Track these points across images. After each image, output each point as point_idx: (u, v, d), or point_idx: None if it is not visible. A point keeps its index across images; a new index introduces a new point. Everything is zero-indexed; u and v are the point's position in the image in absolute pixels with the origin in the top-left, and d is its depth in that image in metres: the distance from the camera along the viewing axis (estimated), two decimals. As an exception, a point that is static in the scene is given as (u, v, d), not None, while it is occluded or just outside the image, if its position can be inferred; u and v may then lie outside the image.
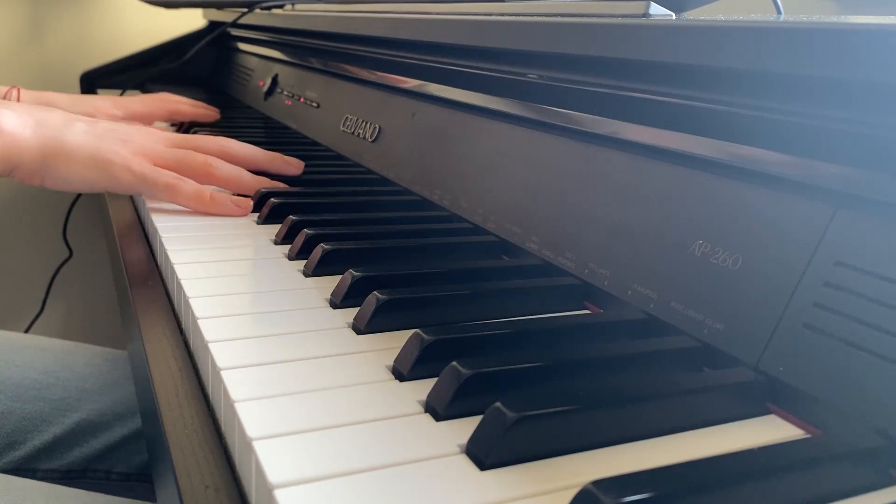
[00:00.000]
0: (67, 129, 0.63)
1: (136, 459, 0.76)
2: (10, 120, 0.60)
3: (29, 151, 0.61)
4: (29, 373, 0.76)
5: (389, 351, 0.39)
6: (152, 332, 0.45)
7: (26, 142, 0.60)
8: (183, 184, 0.64)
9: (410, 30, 0.71)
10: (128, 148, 0.64)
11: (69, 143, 0.62)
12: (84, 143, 0.62)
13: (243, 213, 0.65)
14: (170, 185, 0.63)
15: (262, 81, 1.19)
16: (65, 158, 0.62)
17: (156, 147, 0.66)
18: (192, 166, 0.66)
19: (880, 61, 0.32)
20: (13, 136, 0.60)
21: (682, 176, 0.42)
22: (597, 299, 0.46)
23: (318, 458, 0.29)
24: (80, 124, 0.64)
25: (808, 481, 0.28)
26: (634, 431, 0.32)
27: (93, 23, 1.62)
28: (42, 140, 0.61)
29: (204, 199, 0.64)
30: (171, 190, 0.63)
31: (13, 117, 0.60)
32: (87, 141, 0.63)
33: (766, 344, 0.35)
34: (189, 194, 0.64)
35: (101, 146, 0.63)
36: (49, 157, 0.61)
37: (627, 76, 0.47)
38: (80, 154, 0.62)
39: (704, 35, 0.40)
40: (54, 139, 0.62)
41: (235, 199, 0.65)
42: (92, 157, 0.62)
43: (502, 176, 0.57)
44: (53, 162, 0.62)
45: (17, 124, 0.60)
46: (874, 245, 0.32)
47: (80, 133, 0.63)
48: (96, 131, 0.64)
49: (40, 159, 0.61)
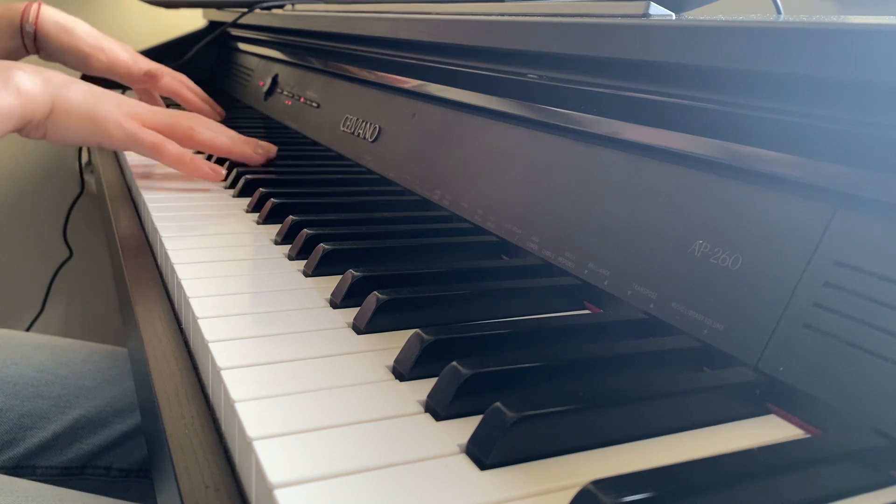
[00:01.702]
0: (70, 88, 0.69)
1: (135, 456, 0.76)
2: (25, 79, 0.66)
3: (41, 107, 0.67)
4: (27, 370, 0.76)
5: (389, 351, 0.39)
6: (152, 331, 0.45)
7: (38, 98, 0.66)
8: (167, 144, 0.71)
9: (410, 30, 0.71)
10: (121, 108, 0.71)
11: (71, 99, 0.68)
12: (83, 101, 0.69)
13: (217, 177, 0.74)
14: (155, 144, 0.70)
15: (262, 81, 1.19)
16: (66, 114, 0.68)
17: (145, 110, 0.73)
18: (176, 129, 0.73)
19: (880, 61, 0.32)
20: (28, 94, 0.66)
21: (682, 176, 0.42)
22: (597, 299, 0.46)
23: (318, 458, 0.29)
24: (80, 85, 0.70)
25: (808, 481, 0.28)
26: (634, 431, 0.32)
27: (93, 23, 1.62)
28: (49, 97, 0.67)
29: (184, 160, 0.72)
30: (155, 149, 0.71)
31: (26, 77, 0.66)
32: (86, 99, 0.69)
33: (766, 344, 0.35)
34: (171, 154, 0.71)
35: (97, 105, 0.70)
36: (54, 111, 0.68)
37: (627, 76, 0.47)
38: (79, 110, 0.69)
39: (704, 35, 0.40)
40: (59, 96, 0.68)
41: (211, 164, 0.74)
42: (89, 113, 0.69)
43: (502, 176, 0.57)
44: (56, 116, 0.68)
45: (32, 83, 0.66)
46: (874, 245, 0.32)
47: (80, 92, 0.70)
48: (94, 92, 0.71)
49: (47, 114, 0.67)
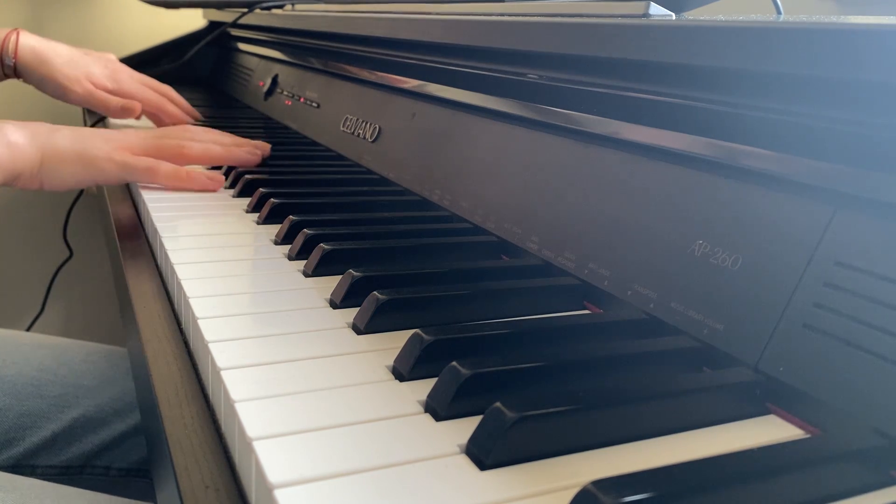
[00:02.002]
0: (56, 135, 0.70)
1: (135, 455, 0.76)
2: (13, 134, 0.67)
3: (30, 159, 0.68)
4: (26, 370, 0.76)
5: (389, 351, 0.39)
6: (152, 331, 0.45)
7: (26, 150, 0.68)
8: (160, 166, 0.71)
9: (410, 30, 0.71)
10: (109, 144, 0.72)
11: (59, 146, 0.69)
12: (71, 145, 0.70)
13: (215, 186, 0.74)
14: (149, 168, 0.71)
15: (262, 81, 1.19)
16: (57, 160, 0.69)
17: (133, 140, 0.74)
18: (166, 149, 0.74)
19: (880, 61, 0.32)
20: (17, 147, 0.67)
21: (682, 176, 0.42)
22: (597, 299, 0.46)
23: (318, 458, 0.29)
24: (65, 130, 0.71)
25: (808, 481, 0.28)
26: (634, 431, 0.32)
27: (93, 23, 1.62)
28: (38, 147, 0.68)
29: (180, 175, 0.72)
30: (150, 172, 0.71)
31: (15, 131, 0.67)
32: (74, 142, 0.70)
33: (766, 344, 0.35)
34: (167, 173, 0.72)
35: (85, 145, 0.70)
36: (45, 160, 0.69)
37: (627, 76, 0.47)
38: (68, 154, 0.69)
39: (704, 35, 0.40)
40: (46, 145, 0.69)
41: (208, 173, 0.74)
42: (79, 155, 0.70)
43: (502, 176, 0.57)
44: (48, 165, 0.69)
45: (19, 136, 0.67)
46: (874, 245, 0.32)
47: (67, 137, 0.70)
48: (80, 134, 0.72)
49: (38, 165, 0.68)
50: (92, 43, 1.61)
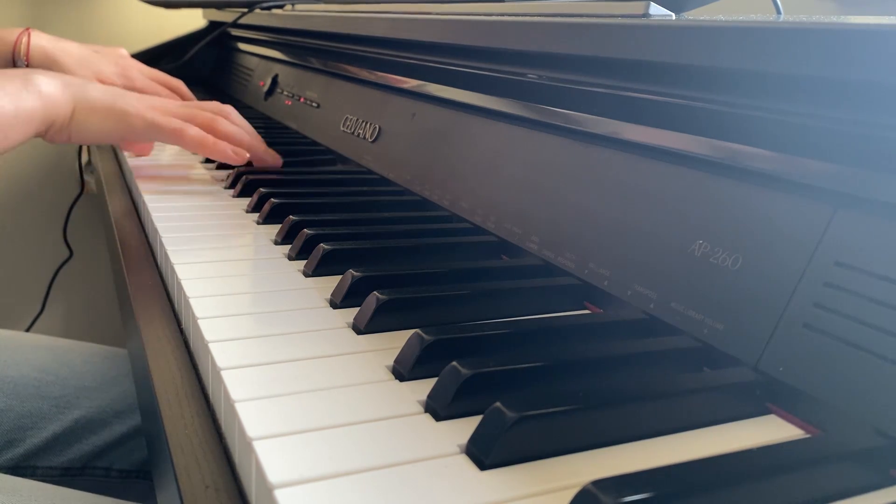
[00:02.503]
0: (88, 87, 0.71)
1: (135, 456, 0.76)
2: (45, 83, 0.67)
3: (63, 108, 0.68)
4: (27, 371, 0.76)
5: (389, 351, 0.39)
6: (152, 332, 0.45)
7: (59, 100, 0.68)
8: (188, 129, 0.71)
9: (410, 30, 0.71)
10: (142, 102, 0.73)
11: (91, 97, 0.70)
12: (103, 97, 0.71)
13: (240, 160, 0.73)
14: (176, 130, 0.71)
15: (262, 81, 1.19)
16: (88, 111, 0.70)
17: (166, 102, 0.75)
18: (198, 119, 0.74)
19: (880, 61, 0.32)
20: (50, 97, 0.67)
21: (682, 176, 0.42)
22: (597, 299, 0.46)
23: (318, 458, 0.29)
24: (98, 85, 0.73)
25: (808, 481, 0.28)
26: (634, 431, 0.32)
27: (93, 23, 1.62)
28: (70, 97, 0.69)
29: (206, 143, 0.72)
30: (177, 134, 0.71)
31: (48, 81, 0.68)
32: (106, 96, 0.71)
33: (766, 344, 0.35)
34: (193, 137, 0.71)
35: (117, 99, 0.71)
36: (76, 111, 0.69)
37: (627, 76, 0.47)
38: (100, 105, 0.71)
39: (704, 35, 0.40)
40: (79, 95, 0.70)
41: (234, 147, 0.73)
42: (111, 107, 0.71)
43: (502, 176, 0.57)
44: (79, 115, 0.70)
45: (52, 86, 0.68)
46: (874, 245, 0.32)
47: (100, 90, 0.72)
48: (114, 89, 0.73)
49: (70, 114, 0.69)
50: (92, 43, 1.61)
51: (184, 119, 0.73)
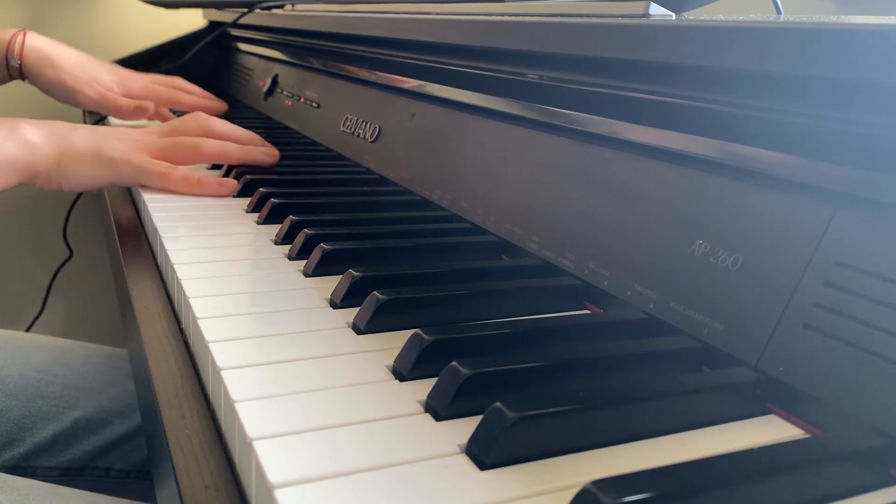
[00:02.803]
0: (74, 134, 0.70)
1: (135, 457, 0.76)
2: (30, 132, 0.67)
3: (48, 159, 0.67)
4: (27, 371, 0.76)
5: (389, 351, 0.39)
6: (152, 332, 0.45)
7: (44, 149, 0.67)
8: (173, 171, 0.71)
9: (410, 30, 0.71)
10: (126, 145, 0.71)
11: (76, 146, 0.69)
12: (89, 145, 0.69)
13: (227, 192, 0.72)
14: (162, 174, 0.71)
15: (262, 81, 1.19)
16: (74, 160, 0.68)
17: (149, 139, 0.73)
18: (183, 149, 0.74)
19: (880, 61, 0.32)
20: (35, 146, 0.66)
21: (682, 176, 0.42)
22: (597, 299, 0.46)
23: (318, 458, 0.29)
24: (82, 130, 0.71)
25: (808, 481, 0.28)
26: (634, 431, 0.32)
27: (93, 23, 1.62)
28: (56, 147, 0.68)
29: (192, 182, 0.71)
30: (163, 178, 0.71)
31: (33, 130, 0.67)
32: (91, 142, 0.70)
33: (766, 344, 0.35)
34: (178, 180, 0.71)
35: (102, 145, 0.70)
36: (63, 161, 0.68)
37: (627, 76, 0.47)
38: (86, 154, 0.69)
39: (704, 35, 0.40)
40: (64, 145, 0.69)
41: (220, 179, 0.72)
42: (96, 155, 0.69)
43: (502, 176, 0.57)
44: (66, 165, 0.68)
45: (37, 135, 0.67)
46: (874, 245, 0.32)
47: (84, 137, 0.70)
48: (98, 134, 0.71)
49: (56, 165, 0.68)
50: (92, 43, 1.61)
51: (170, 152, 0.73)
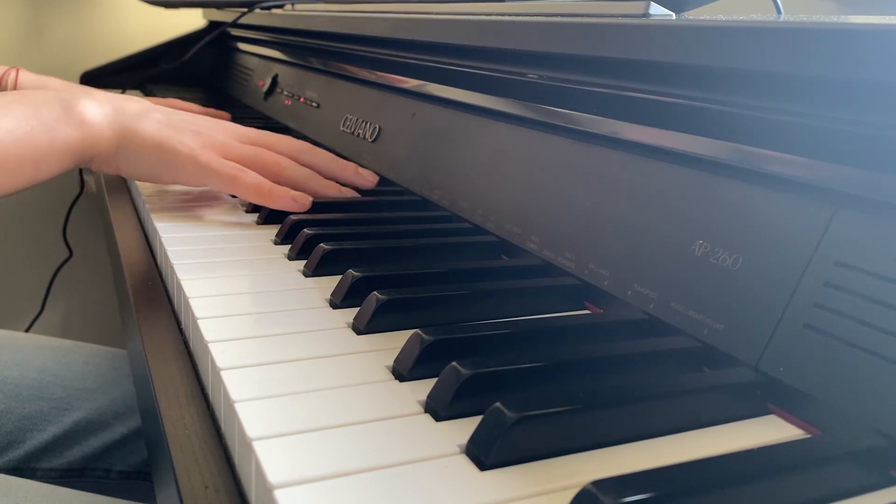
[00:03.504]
0: (143, 118, 0.64)
1: (136, 458, 0.76)
2: (91, 111, 0.61)
3: (106, 141, 0.62)
4: (28, 372, 0.76)
5: (389, 351, 0.39)
6: (152, 332, 0.45)
7: (104, 132, 0.61)
8: (244, 174, 0.63)
9: (410, 30, 0.71)
10: (198, 140, 0.64)
11: (141, 131, 0.63)
12: (155, 133, 0.63)
13: (301, 208, 0.63)
14: (231, 176, 0.63)
15: (262, 81, 1.19)
16: (136, 147, 0.63)
17: (227, 141, 0.66)
18: (262, 164, 0.65)
19: (881, 61, 0.32)
20: (93, 127, 0.61)
21: (682, 176, 0.42)
22: (597, 299, 0.46)
23: (318, 459, 0.29)
24: (155, 114, 0.65)
25: (808, 481, 0.28)
26: (634, 431, 0.32)
27: (93, 23, 1.62)
28: (118, 129, 0.62)
29: (263, 190, 0.63)
30: (232, 180, 0.63)
31: (94, 107, 0.61)
32: (160, 131, 0.63)
33: (767, 344, 0.35)
34: (248, 185, 0.63)
35: (172, 136, 0.63)
36: (123, 144, 0.62)
37: (627, 76, 0.47)
38: (149, 143, 0.63)
39: (704, 35, 0.40)
40: (128, 127, 0.63)
41: (294, 194, 0.63)
42: (161, 146, 0.63)
43: (502, 176, 0.57)
44: (126, 150, 0.63)
45: (98, 114, 0.61)
46: (874, 245, 0.32)
47: (154, 122, 0.64)
48: (171, 122, 0.65)
49: (115, 148, 0.62)
50: (92, 43, 1.61)
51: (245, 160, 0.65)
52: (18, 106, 0.58)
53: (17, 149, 0.56)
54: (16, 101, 0.58)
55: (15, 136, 0.56)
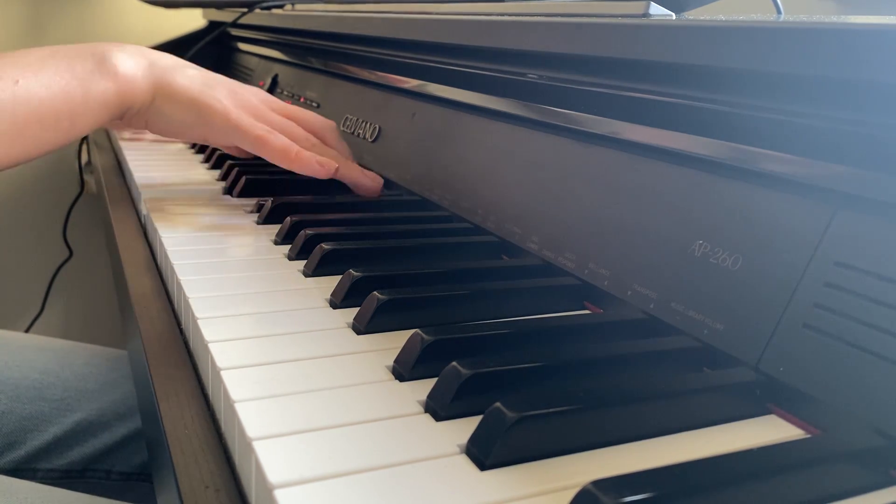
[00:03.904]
0: (178, 71, 0.64)
1: (136, 459, 0.76)
2: (125, 63, 0.61)
3: (141, 94, 0.62)
4: (28, 372, 0.76)
5: (389, 351, 0.39)
6: (152, 332, 0.45)
7: (139, 84, 0.61)
8: (273, 137, 0.63)
9: (410, 30, 0.71)
10: (232, 99, 0.64)
11: (177, 83, 0.63)
12: (190, 86, 0.63)
13: (326, 173, 0.64)
14: (260, 137, 0.63)
15: (262, 81, 1.19)
16: (169, 99, 0.63)
17: (260, 107, 0.66)
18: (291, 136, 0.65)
19: (881, 61, 0.32)
20: (128, 80, 0.61)
21: (682, 176, 0.42)
22: (597, 299, 0.46)
23: (317, 459, 0.29)
24: (190, 70, 0.65)
25: (808, 481, 0.28)
26: (634, 431, 0.32)
27: (93, 23, 1.62)
28: (153, 81, 0.62)
29: (290, 154, 0.63)
30: (260, 141, 0.63)
31: (128, 60, 0.61)
32: (194, 85, 0.64)
33: (767, 344, 0.35)
34: (276, 147, 0.63)
35: (205, 91, 0.64)
36: (157, 97, 0.63)
37: (627, 76, 0.47)
38: (183, 96, 0.63)
39: (704, 35, 0.40)
40: (164, 80, 0.63)
41: (320, 159, 0.64)
42: (194, 100, 0.63)
43: (502, 176, 0.57)
44: (159, 103, 0.63)
45: (132, 66, 0.61)
46: (874, 245, 0.32)
47: (188, 77, 0.64)
48: (206, 78, 0.65)
49: (149, 100, 0.63)
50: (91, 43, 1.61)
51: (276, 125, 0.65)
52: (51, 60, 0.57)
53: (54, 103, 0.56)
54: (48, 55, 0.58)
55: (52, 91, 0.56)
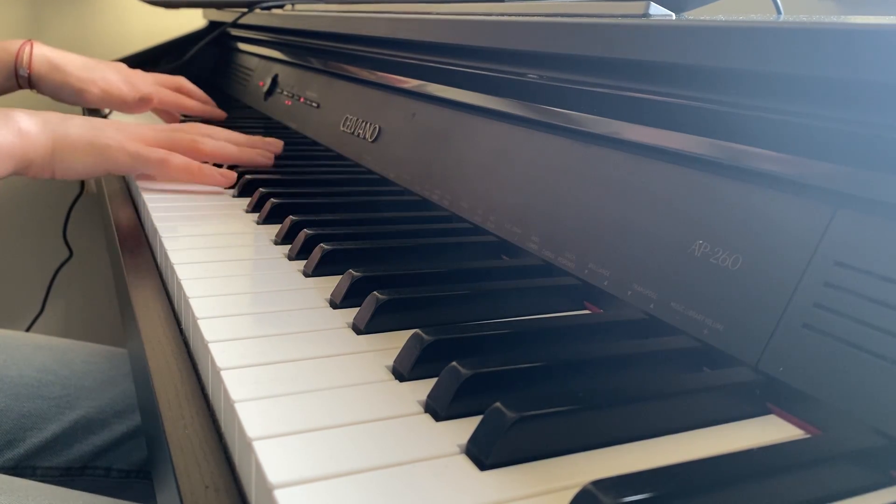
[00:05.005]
0: (68, 123, 0.70)
1: (136, 457, 0.76)
2: (24, 121, 0.66)
3: (42, 147, 0.67)
4: (28, 371, 0.76)
5: (389, 351, 0.39)
6: (152, 331, 0.45)
7: (38, 138, 0.67)
8: (172, 157, 0.70)
9: (410, 30, 0.71)
10: (122, 133, 0.71)
11: (71, 134, 0.69)
12: (84, 133, 0.69)
13: (228, 182, 0.73)
14: (161, 160, 0.70)
15: (262, 81, 1.19)
16: (69, 148, 0.68)
17: (146, 131, 0.73)
18: (180, 144, 0.73)
19: (880, 61, 0.32)
20: (28, 135, 0.66)
21: (682, 176, 0.42)
22: (597, 299, 0.46)
23: (317, 459, 0.29)
24: (77, 119, 0.71)
25: (808, 481, 0.28)
26: (634, 431, 0.32)
27: (93, 23, 1.62)
28: (50, 135, 0.68)
29: (192, 169, 0.71)
30: (162, 164, 0.70)
31: (26, 118, 0.67)
32: (86, 131, 0.70)
33: (766, 344, 0.35)
34: (178, 166, 0.70)
35: (98, 134, 0.70)
36: (56, 149, 0.68)
37: (627, 76, 0.47)
38: (81, 142, 0.69)
39: (704, 35, 0.40)
40: (58, 133, 0.68)
41: (221, 170, 0.72)
42: (91, 143, 0.69)
43: (502, 176, 0.57)
44: (60, 153, 0.68)
45: (30, 123, 0.67)
46: (874, 245, 0.32)
47: (79, 126, 0.70)
48: (92, 124, 0.71)
49: (50, 153, 0.68)
50: (92, 43, 1.61)
51: (166, 146, 0.72)
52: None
53: None
54: None
55: None
